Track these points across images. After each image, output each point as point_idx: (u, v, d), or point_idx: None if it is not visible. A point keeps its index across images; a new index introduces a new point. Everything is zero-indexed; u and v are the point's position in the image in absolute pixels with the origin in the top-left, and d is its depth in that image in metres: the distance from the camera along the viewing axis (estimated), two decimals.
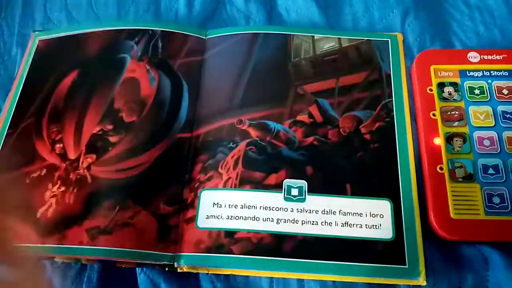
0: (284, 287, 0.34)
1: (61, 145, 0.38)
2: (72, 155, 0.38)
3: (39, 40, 0.44)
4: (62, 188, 0.36)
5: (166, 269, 0.34)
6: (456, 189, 0.34)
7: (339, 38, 0.42)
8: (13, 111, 0.41)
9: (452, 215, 0.33)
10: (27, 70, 0.43)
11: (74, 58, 0.43)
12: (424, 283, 0.32)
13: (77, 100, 0.40)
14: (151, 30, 0.43)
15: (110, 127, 0.39)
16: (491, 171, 0.35)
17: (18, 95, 0.41)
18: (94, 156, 0.37)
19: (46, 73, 0.42)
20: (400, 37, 0.42)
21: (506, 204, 0.33)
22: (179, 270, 0.34)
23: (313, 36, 0.42)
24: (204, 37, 0.43)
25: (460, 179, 0.35)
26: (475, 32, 0.43)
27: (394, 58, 0.40)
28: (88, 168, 0.37)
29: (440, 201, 0.34)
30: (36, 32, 0.45)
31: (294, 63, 0.41)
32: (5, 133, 0.40)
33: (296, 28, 0.43)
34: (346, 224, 0.33)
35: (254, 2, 0.46)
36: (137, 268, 0.35)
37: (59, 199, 0.36)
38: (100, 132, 0.38)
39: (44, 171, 0.37)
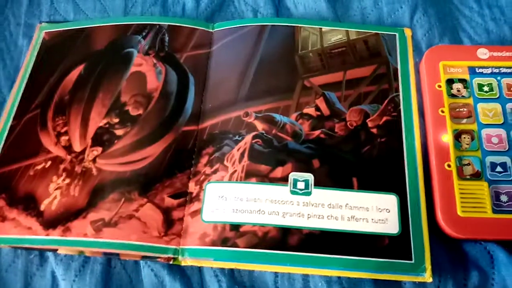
0: (289, 282, 0.33)
1: (67, 137, 0.38)
2: (77, 148, 0.38)
3: (45, 33, 0.44)
4: (67, 181, 0.36)
5: (171, 262, 0.34)
6: (463, 186, 0.34)
7: (347, 31, 0.41)
8: (17, 102, 0.41)
9: (459, 213, 0.33)
10: (32, 62, 0.43)
11: (81, 51, 0.43)
12: (430, 280, 0.31)
13: (84, 93, 0.40)
14: (158, 24, 0.43)
15: (116, 120, 0.38)
16: (499, 168, 0.34)
17: (23, 87, 0.41)
18: (100, 148, 0.37)
19: (52, 66, 0.42)
20: (408, 32, 0.41)
21: None
22: (183, 264, 0.34)
23: (321, 28, 0.42)
24: (211, 30, 0.43)
25: (468, 177, 0.34)
26: (484, 28, 0.43)
27: (402, 52, 0.40)
28: (94, 160, 0.37)
29: (447, 198, 0.33)
30: (42, 24, 0.45)
31: (301, 55, 0.40)
32: (9, 124, 0.39)
33: (304, 20, 0.43)
34: (352, 218, 0.33)
35: None
36: (141, 261, 0.35)
37: (63, 191, 0.36)
38: (107, 125, 0.38)
39: (48, 163, 0.37)
